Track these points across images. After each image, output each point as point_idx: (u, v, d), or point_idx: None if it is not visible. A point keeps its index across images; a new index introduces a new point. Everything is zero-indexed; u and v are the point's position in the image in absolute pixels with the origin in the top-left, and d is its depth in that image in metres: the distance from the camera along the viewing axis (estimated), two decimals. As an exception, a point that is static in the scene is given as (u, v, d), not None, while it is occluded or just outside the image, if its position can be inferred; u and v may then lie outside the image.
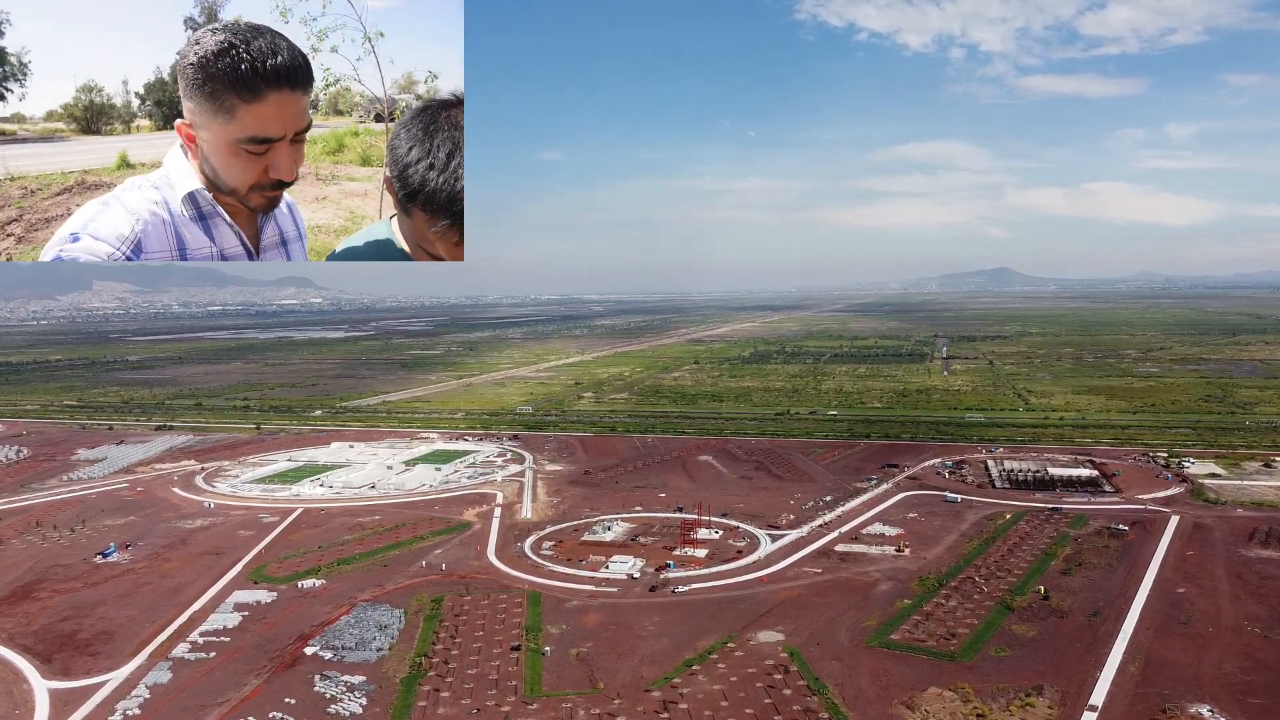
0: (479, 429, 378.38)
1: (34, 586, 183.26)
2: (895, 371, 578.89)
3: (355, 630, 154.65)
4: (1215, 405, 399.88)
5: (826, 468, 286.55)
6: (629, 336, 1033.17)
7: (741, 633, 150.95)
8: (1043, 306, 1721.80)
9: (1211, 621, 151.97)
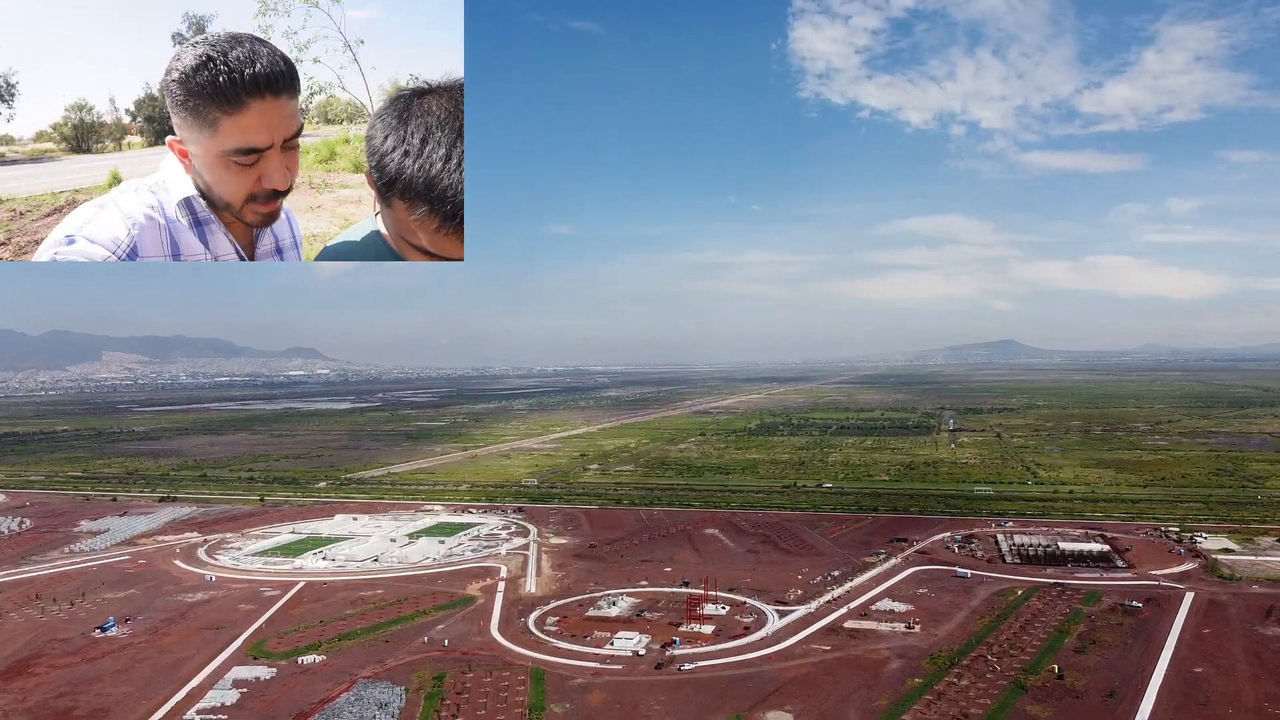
0: (484, 501, 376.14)
1: (31, 661, 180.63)
2: (902, 444, 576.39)
3: (355, 708, 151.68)
4: (1226, 479, 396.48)
5: (834, 541, 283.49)
6: (635, 408, 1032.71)
7: (749, 712, 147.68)
8: (1049, 379, 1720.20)
9: (1231, 702, 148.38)
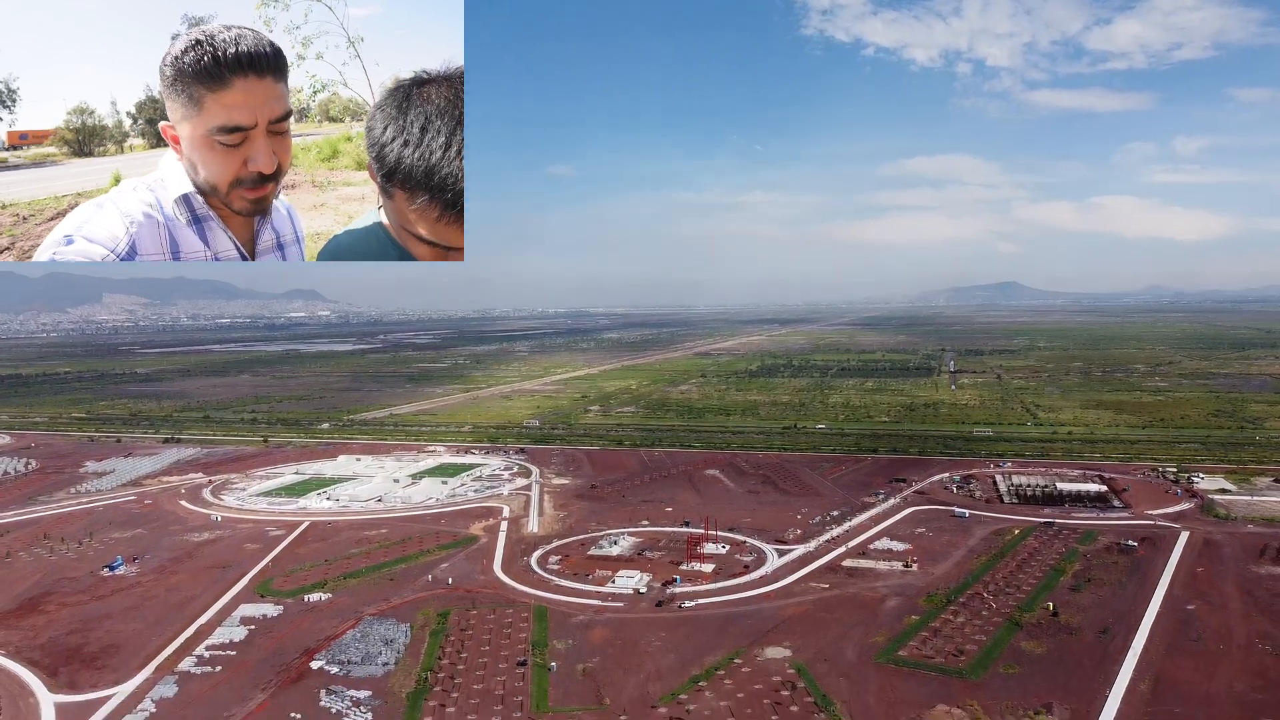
0: (486, 442, 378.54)
1: (41, 599, 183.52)
2: (903, 386, 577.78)
3: (361, 645, 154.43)
4: (1225, 420, 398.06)
5: (834, 482, 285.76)
6: (636, 350, 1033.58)
7: (748, 649, 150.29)
8: (1051, 321, 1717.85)
9: (1222, 639, 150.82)
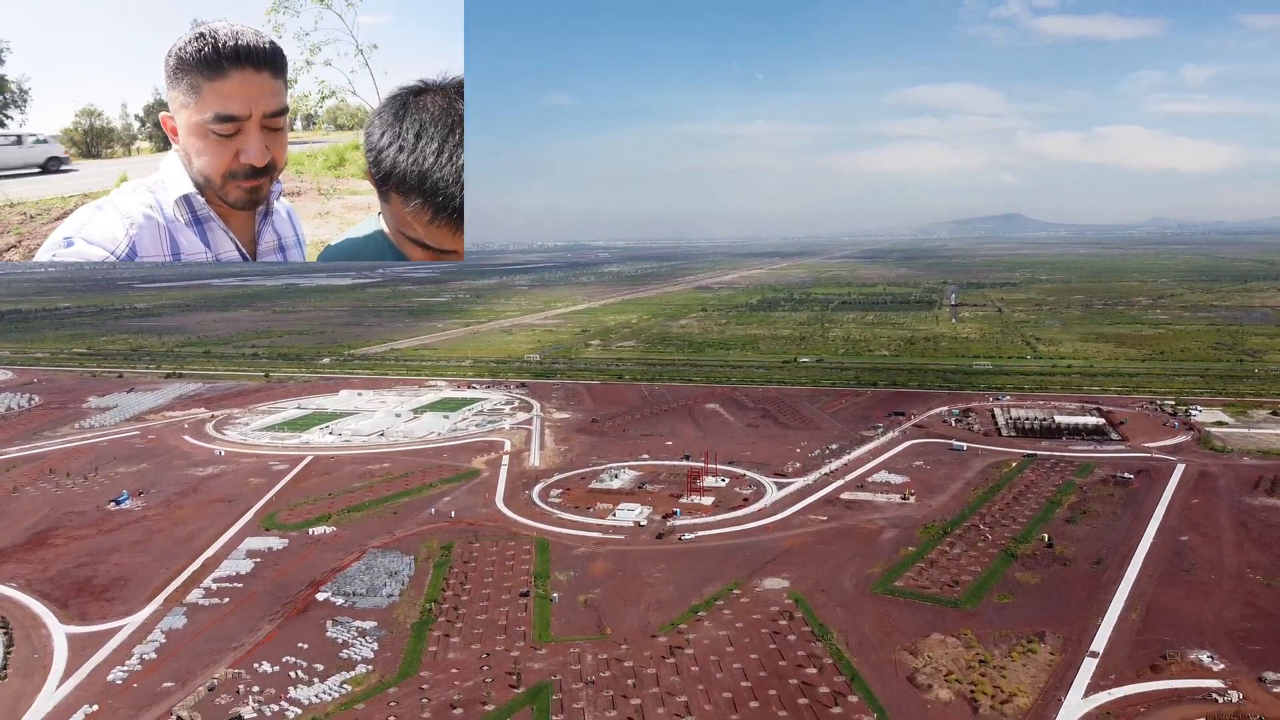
0: (487, 377, 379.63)
1: (49, 533, 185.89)
2: (903, 319, 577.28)
3: (366, 577, 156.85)
4: (1225, 353, 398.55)
5: (833, 416, 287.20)
6: (636, 284, 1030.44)
7: (747, 580, 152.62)
8: (1053, 253, 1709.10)
9: (1214, 569, 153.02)
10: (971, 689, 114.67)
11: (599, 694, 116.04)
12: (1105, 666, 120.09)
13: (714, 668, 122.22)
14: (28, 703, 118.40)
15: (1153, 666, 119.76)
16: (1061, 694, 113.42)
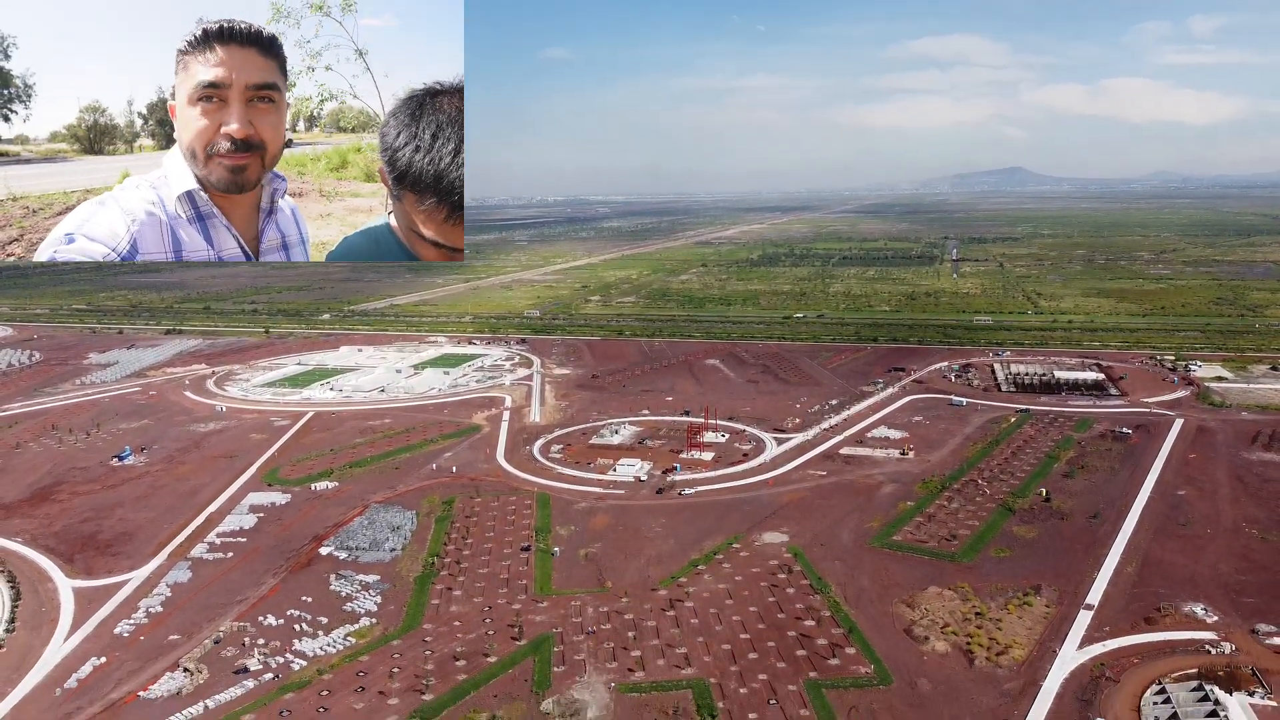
0: (487, 333, 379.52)
1: (53, 489, 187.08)
2: (904, 274, 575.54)
3: (369, 531, 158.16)
4: (1226, 308, 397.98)
5: (833, 371, 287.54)
6: (636, 239, 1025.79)
7: (747, 534, 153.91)
8: (1056, 207, 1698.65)
9: (1210, 523, 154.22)
10: (967, 641, 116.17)
11: (600, 646, 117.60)
12: (1100, 619, 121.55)
13: (713, 620, 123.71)
14: (36, 654, 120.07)
15: (1147, 619, 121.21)
16: (1056, 646, 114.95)
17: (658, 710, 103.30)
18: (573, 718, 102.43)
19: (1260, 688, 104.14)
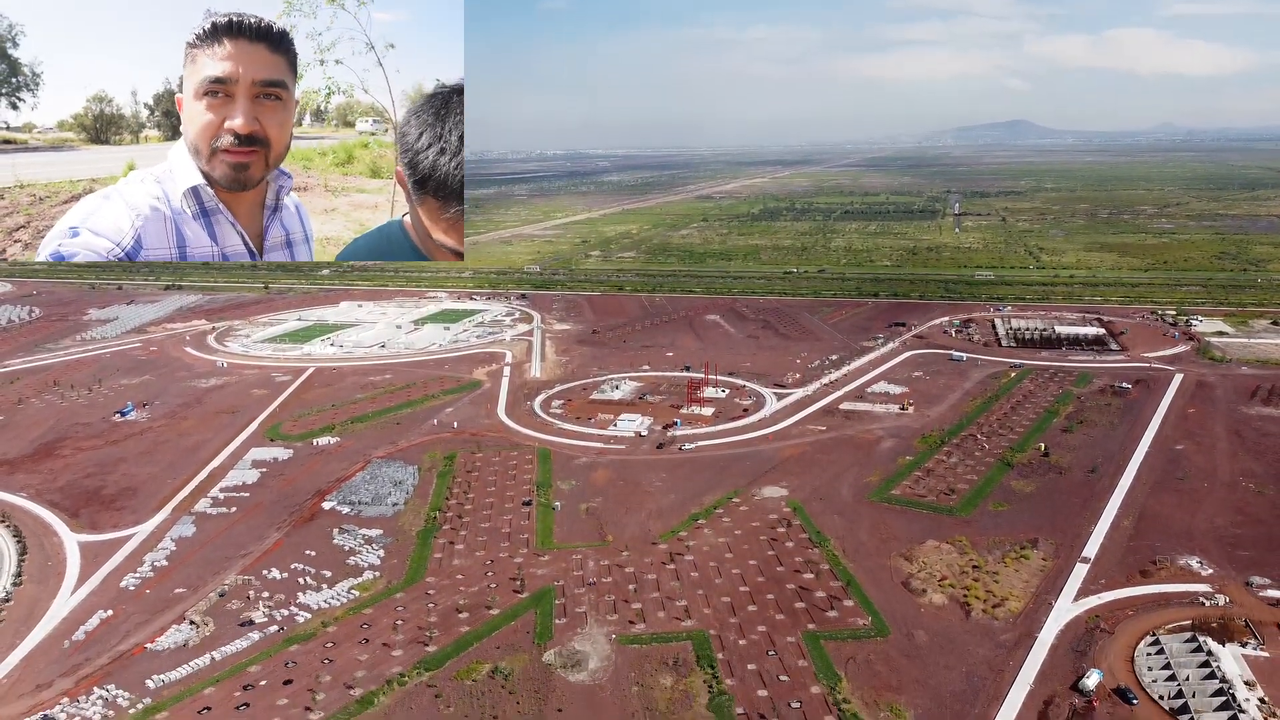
0: (487, 288, 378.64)
1: (56, 444, 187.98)
2: (906, 229, 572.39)
3: (371, 486, 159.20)
4: (1228, 263, 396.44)
5: (834, 327, 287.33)
6: (637, 193, 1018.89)
7: (746, 488, 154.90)
8: (1059, 160, 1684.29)
9: (1207, 477, 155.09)
10: (964, 593, 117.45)
11: (601, 598, 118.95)
12: (1096, 572, 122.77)
13: (713, 573, 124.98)
14: (44, 608, 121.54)
15: (1142, 571, 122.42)
16: (1052, 598, 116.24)
17: (658, 661, 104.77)
18: (574, 668, 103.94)
19: (1253, 639, 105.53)
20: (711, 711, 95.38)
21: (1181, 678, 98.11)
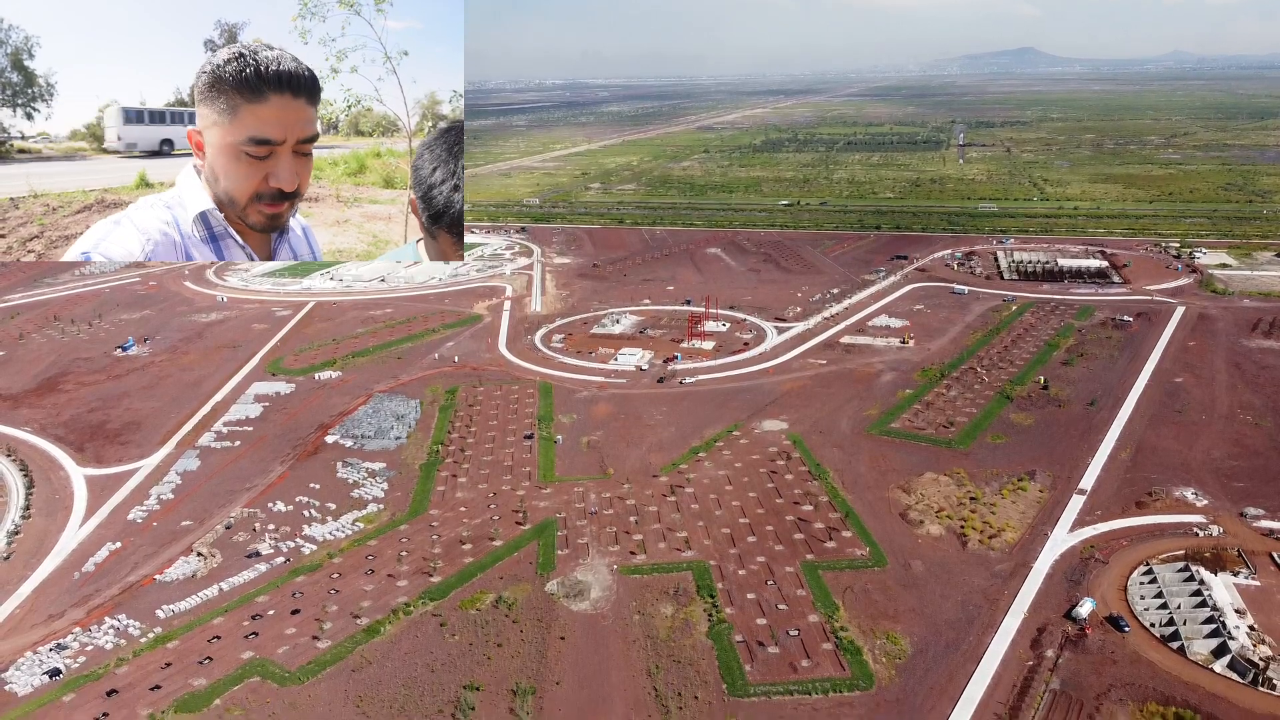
0: (486, 221, 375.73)
1: (59, 379, 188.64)
2: (910, 160, 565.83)
3: (373, 420, 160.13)
4: (1234, 194, 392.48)
5: (835, 260, 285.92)
6: (637, 124, 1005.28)
7: (746, 422, 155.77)
8: (1067, 90, 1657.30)
9: (1205, 410, 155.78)
10: (961, 525, 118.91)
11: (602, 530, 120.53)
12: (1092, 503, 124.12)
13: (713, 505, 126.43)
14: (53, 540, 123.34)
15: (1138, 503, 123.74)
16: (1048, 529, 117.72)
17: (659, 591, 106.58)
18: (576, 598, 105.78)
19: (1245, 568, 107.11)
20: (711, 639, 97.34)
21: (1173, 606, 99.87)
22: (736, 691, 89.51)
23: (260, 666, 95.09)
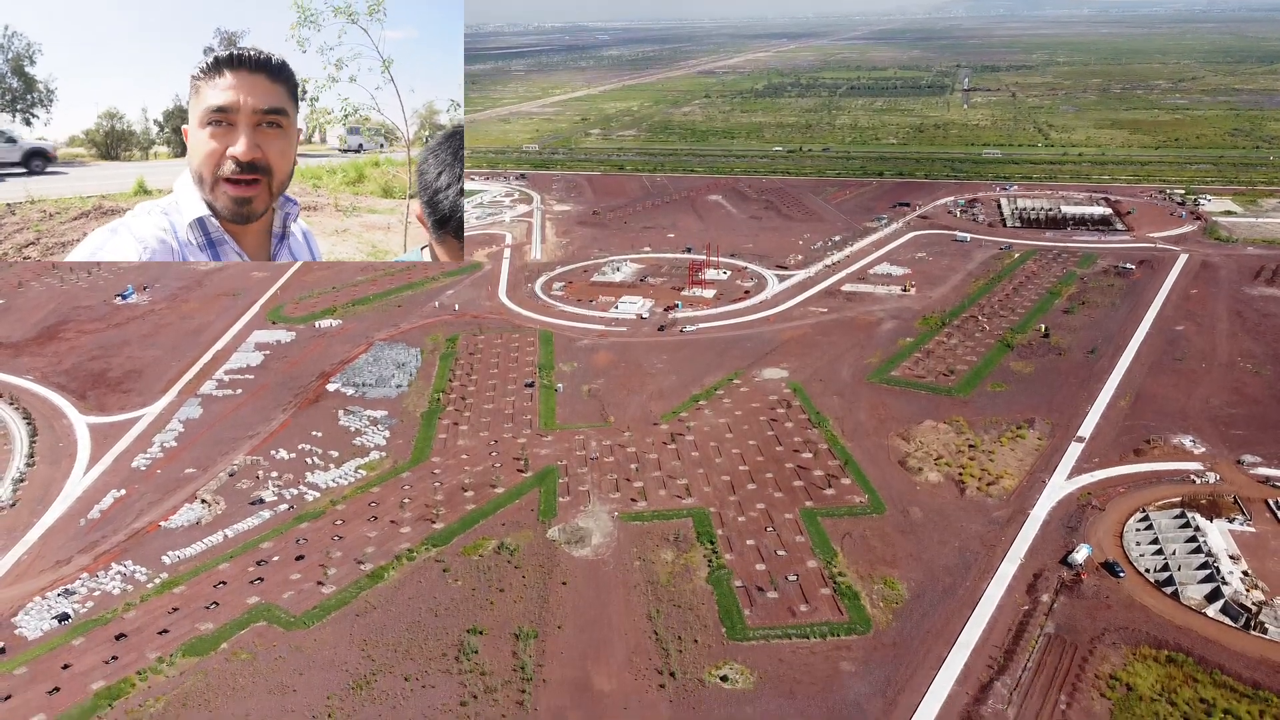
0: (485, 168, 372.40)
1: (59, 327, 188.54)
2: (914, 105, 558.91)
3: (374, 368, 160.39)
4: (1241, 140, 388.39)
5: (837, 207, 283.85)
6: (637, 68, 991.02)
7: (747, 370, 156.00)
8: (1074, 33, 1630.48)
9: (1205, 358, 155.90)
10: (960, 472, 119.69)
11: (603, 477, 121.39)
12: (1090, 450, 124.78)
13: (713, 453, 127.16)
14: (58, 488, 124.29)
15: (1136, 450, 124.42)
16: (1046, 476, 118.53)
17: (659, 537, 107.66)
18: (578, 544, 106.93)
19: (1241, 514, 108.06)
20: (711, 584, 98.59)
21: (1168, 552, 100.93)
22: (736, 635, 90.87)
23: (266, 611, 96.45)
